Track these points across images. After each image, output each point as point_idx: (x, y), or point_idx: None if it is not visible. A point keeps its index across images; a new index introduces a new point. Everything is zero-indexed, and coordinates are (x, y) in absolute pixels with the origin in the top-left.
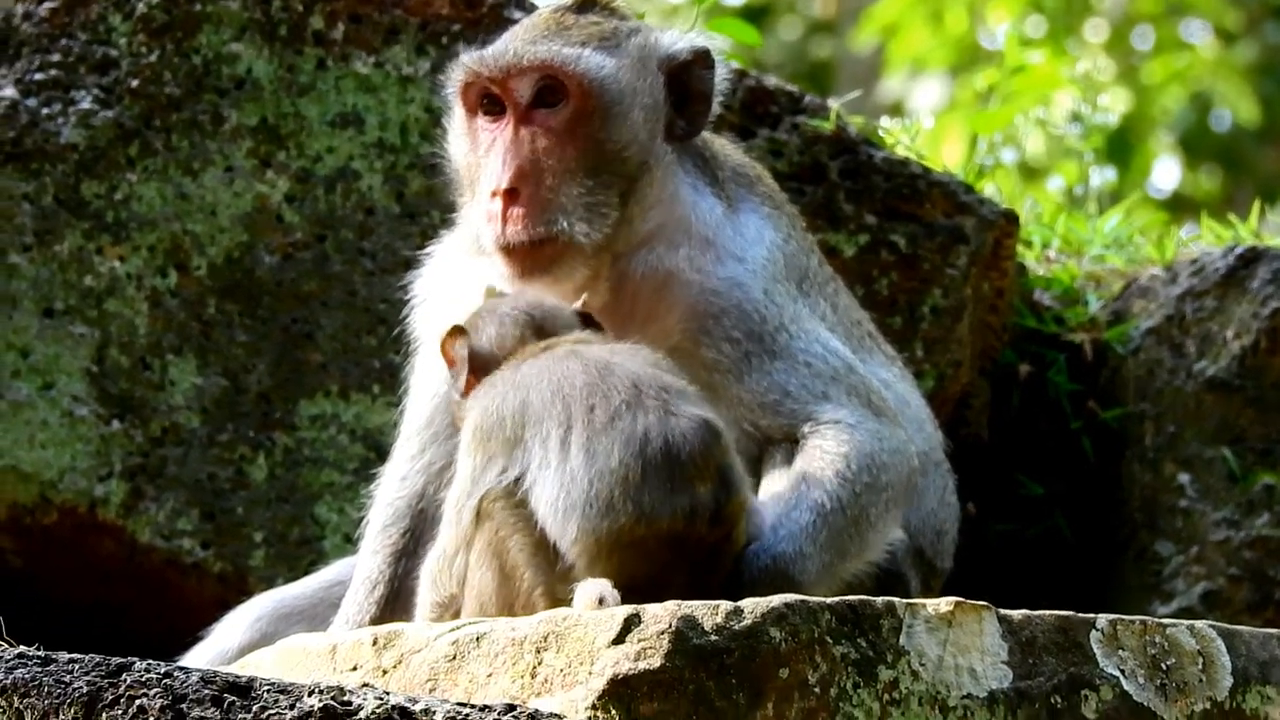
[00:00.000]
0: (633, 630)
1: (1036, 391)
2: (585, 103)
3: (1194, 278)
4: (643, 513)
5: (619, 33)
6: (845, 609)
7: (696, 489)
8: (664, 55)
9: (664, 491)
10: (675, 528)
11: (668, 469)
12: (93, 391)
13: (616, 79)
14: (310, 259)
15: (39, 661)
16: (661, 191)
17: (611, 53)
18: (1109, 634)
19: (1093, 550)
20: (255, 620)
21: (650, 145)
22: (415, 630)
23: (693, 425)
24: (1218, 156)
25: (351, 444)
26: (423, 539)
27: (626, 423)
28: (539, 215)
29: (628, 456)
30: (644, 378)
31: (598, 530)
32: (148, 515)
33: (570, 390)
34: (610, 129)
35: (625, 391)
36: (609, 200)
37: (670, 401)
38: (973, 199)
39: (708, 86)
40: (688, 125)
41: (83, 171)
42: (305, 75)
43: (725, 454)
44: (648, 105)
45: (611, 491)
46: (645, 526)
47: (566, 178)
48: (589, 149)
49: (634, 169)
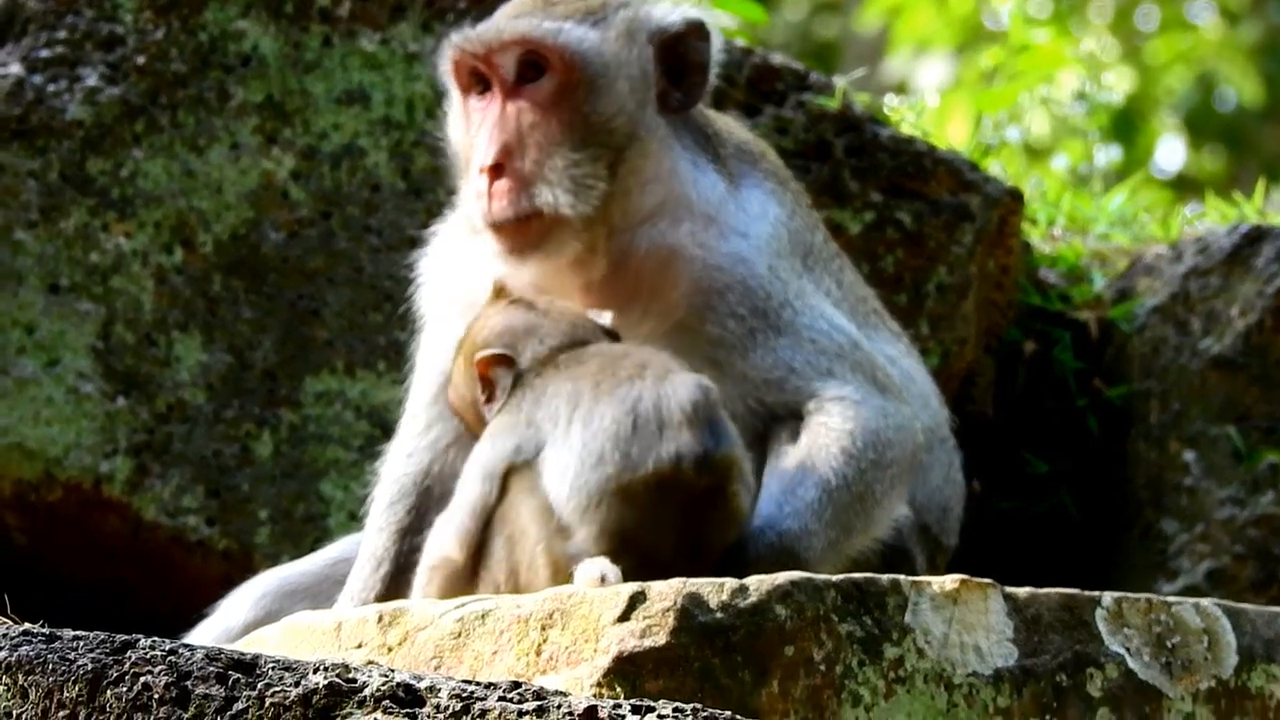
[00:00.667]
0: (638, 607)
1: (1042, 369)
2: (568, 75)
3: (1199, 256)
4: (629, 461)
5: (607, 5)
6: (850, 586)
7: (683, 435)
8: (655, 27)
9: (651, 440)
10: (662, 472)
11: (656, 420)
12: (98, 368)
13: (600, 51)
14: (316, 236)
15: (44, 639)
16: (659, 166)
17: (595, 25)
18: (1114, 612)
19: (1098, 528)
20: (260, 598)
21: (639, 116)
22: (420, 607)
23: (684, 383)
24: (1222, 136)
25: (357, 421)
26: (428, 516)
27: (624, 390)
28: (523, 190)
29: (620, 414)
30: (655, 361)
31: (588, 484)
32: (153, 492)
33: (581, 376)
34: (594, 101)
35: (631, 369)
36: (596, 172)
37: (671, 372)
38: (978, 177)
39: (703, 57)
40: (684, 97)
41: (88, 148)
42: (311, 52)
43: (715, 408)
44: (634, 76)
45: (602, 447)
46: (631, 473)
47: (551, 151)
48: (574, 121)
49: (621, 140)
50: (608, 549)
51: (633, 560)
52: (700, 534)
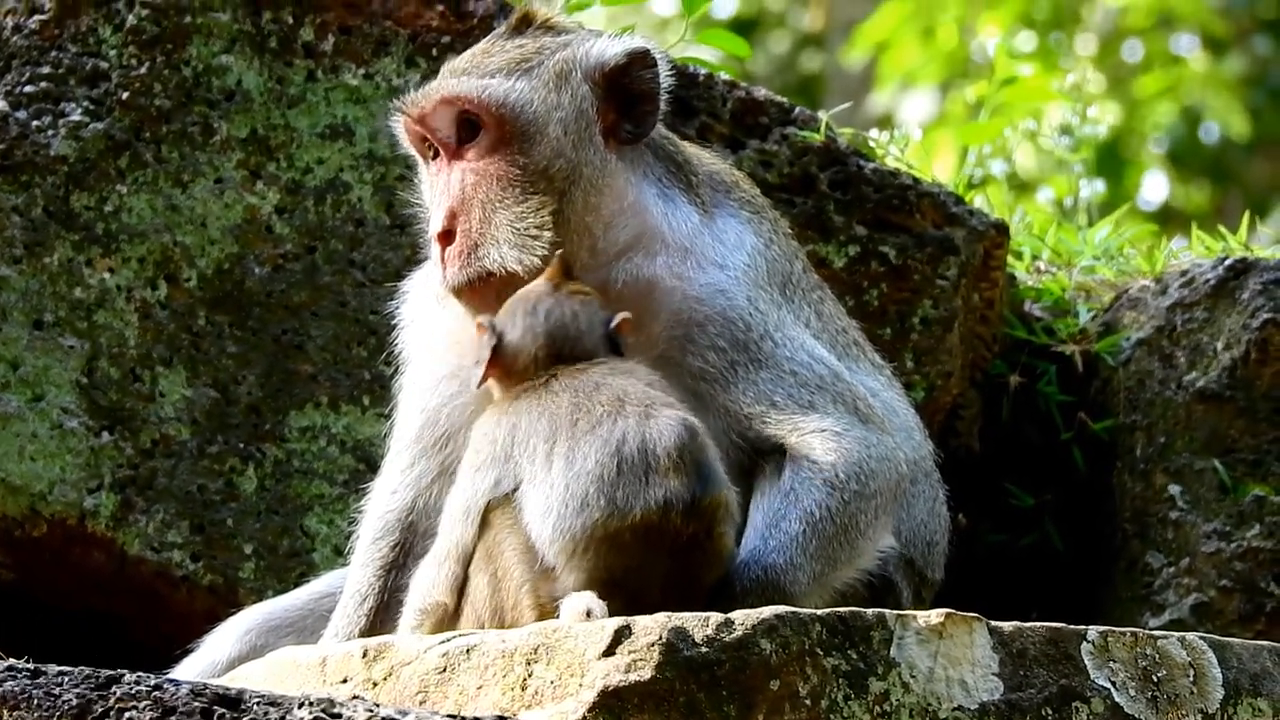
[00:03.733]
0: (623, 642)
1: (1027, 402)
2: (499, 129)
3: (1184, 289)
4: (616, 507)
5: (541, 51)
6: (836, 620)
7: (670, 482)
8: (594, 63)
9: (637, 485)
10: (650, 520)
11: (642, 464)
12: (82, 403)
13: (528, 100)
14: (300, 270)
15: (29, 674)
16: (622, 201)
17: (524, 75)
18: (1100, 646)
19: (1084, 562)
20: (245, 632)
21: (580, 156)
22: (405, 642)
23: (669, 423)
24: (1207, 169)
25: (342, 455)
26: (413, 552)
27: (605, 428)
28: (471, 253)
29: (604, 456)
30: (631, 392)
31: (573, 528)
32: (138, 527)
33: (556, 410)
34: (529, 150)
35: (609, 404)
36: (540, 221)
37: (651, 407)
38: (963, 210)
39: (650, 86)
40: (635, 127)
41: (73, 183)
42: (295, 87)
43: (702, 451)
44: (568, 118)
45: (586, 490)
46: (619, 520)
47: (494, 208)
48: (511, 175)
49: (562, 184)
50: (593, 590)
51: (619, 600)
52: (687, 574)
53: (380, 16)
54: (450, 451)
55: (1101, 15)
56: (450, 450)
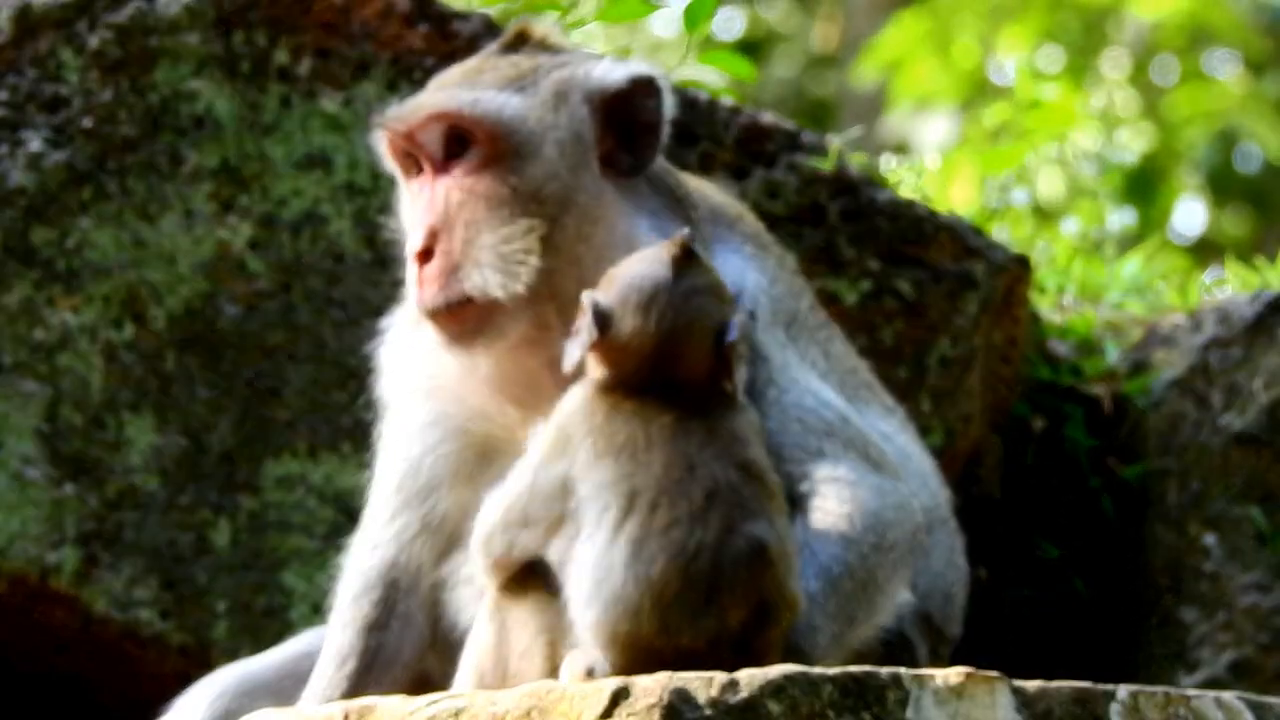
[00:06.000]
0: (621, 704)
1: (1052, 447)
2: (491, 146)
3: (1219, 326)
4: (666, 627)
5: (538, 70)
6: (848, 680)
7: (728, 617)
8: (594, 87)
9: (694, 612)
10: (695, 648)
11: (704, 590)
12: (44, 452)
13: (524, 118)
14: (275, 309)
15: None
16: (613, 233)
17: (520, 91)
18: (1130, 706)
19: (1113, 617)
20: (218, 696)
21: (574, 181)
22: (390, 704)
23: (745, 550)
24: (1245, 196)
25: (321, 507)
26: (396, 609)
27: (681, 534)
28: (451, 274)
29: (670, 570)
30: (722, 486)
31: (616, 630)
32: (103, 584)
33: (645, 477)
34: (521, 170)
35: (696, 501)
36: (527, 246)
37: (735, 517)
38: (982, 243)
39: (653, 116)
40: (633, 159)
41: (32, 217)
42: (269, 113)
43: (771, 582)
44: (563, 140)
45: (642, 599)
46: (664, 640)
47: (479, 229)
48: (501, 194)
49: (554, 209)
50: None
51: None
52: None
53: (360, 38)
54: (433, 504)
55: (1132, 31)
56: (433, 502)
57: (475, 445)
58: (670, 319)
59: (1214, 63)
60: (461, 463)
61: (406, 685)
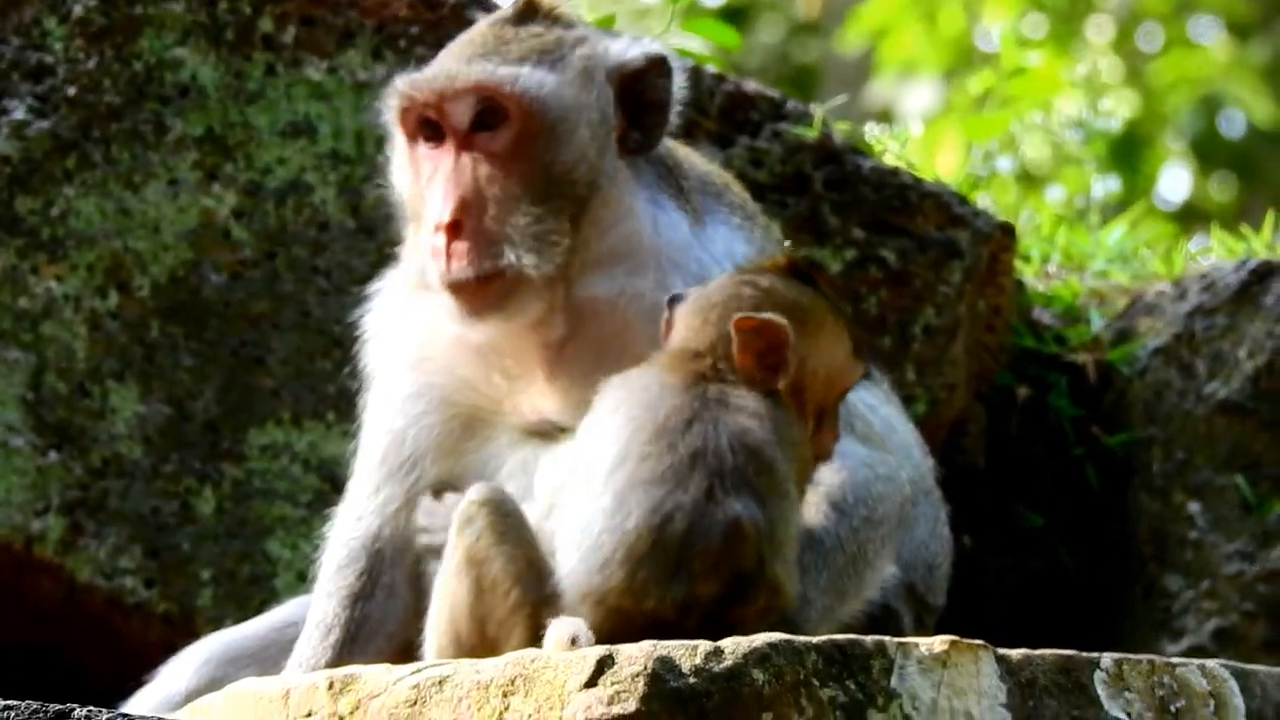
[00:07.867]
0: (606, 672)
1: (1036, 416)
2: (527, 124)
3: (1204, 294)
4: (632, 586)
5: (562, 44)
6: (832, 649)
7: (697, 588)
8: (614, 65)
9: (662, 575)
10: (662, 614)
11: (676, 555)
12: (28, 420)
13: (559, 96)
14: (260, 278)
15: None
16: (616, 210)
17: (553, 67)
18: (1114, 674)
19: (1097, 585)
20: (203, 663)
21: (600, 163)
22: (373, 674)
23: (722, 522)
24: (1230, 163)
25: (305, 475)
26: (380, 580)
27: (663, 492)
28: (485, 249)
29: (644, 526)
30: (711, 449)
31: (587, 582)
32: (87, 552)
33: (647, 419)
34: (555, 150)
35: (684, 459)
36: (559, 227)
37: (719, 487)
38: (967, 211)
39: (664, 95)
40: (643, 137)
41: (16, 186)
42: (254, 82)
43: (747, 560)
44: (594, 120)
45: (614, 551)
46: (630, 600)
47: (512, 206)
48: (534, 173)
49: (583, 190)
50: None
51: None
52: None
53: (344, 6)
54: (417, 476)
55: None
56: (417, 474)
57: (460, 417)
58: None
59: (1199, 29)
60: (446, 435)
61: (391, 655)
